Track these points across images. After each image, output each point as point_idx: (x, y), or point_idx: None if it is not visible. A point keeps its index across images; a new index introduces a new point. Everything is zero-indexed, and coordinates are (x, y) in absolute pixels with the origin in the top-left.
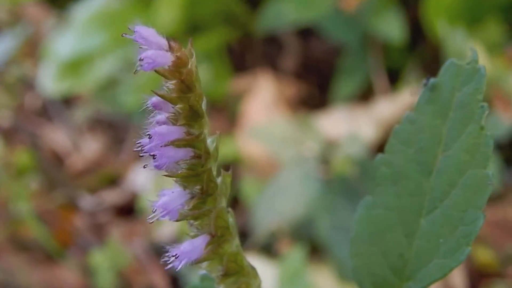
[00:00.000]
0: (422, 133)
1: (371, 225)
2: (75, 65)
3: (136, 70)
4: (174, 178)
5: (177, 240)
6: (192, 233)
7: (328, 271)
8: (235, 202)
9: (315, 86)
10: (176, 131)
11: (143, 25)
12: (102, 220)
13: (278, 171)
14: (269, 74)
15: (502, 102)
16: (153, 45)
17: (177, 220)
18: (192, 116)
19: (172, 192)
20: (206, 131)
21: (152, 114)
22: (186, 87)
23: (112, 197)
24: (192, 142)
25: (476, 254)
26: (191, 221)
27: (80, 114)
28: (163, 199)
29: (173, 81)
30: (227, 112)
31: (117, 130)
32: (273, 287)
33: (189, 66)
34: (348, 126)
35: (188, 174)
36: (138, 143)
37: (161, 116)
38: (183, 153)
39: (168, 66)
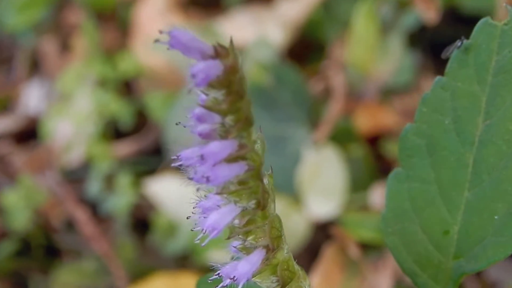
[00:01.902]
0: (457, 100)
1: (406, 200)
2: None
3: (190, 90)
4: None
5: (87, 165)
6: (239, 246)
7: None
8: (140, 117)
9: None
10: (229, 146)
11: (179, 27)
12: (2, 151)
13: (186, 84)
14: None
15: None
16: (194, 52)
17: (228, 238)
18: (244, 126)
19: (220, 208)
20: (257, 138)
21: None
22: (237, 96)
23: (6, 124)
24: (246, 155)
25: (388, 149)
26: (242, 237)
27: None
28: (212, 218)
29: (222, 91)
30: (117, 21)
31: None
32: None
33: (240, 72)
34: (254, 30)
35: (243, 189)
36: (176, 157)
37: (204, 127)
38: (237, 169)
39: (217, 75)
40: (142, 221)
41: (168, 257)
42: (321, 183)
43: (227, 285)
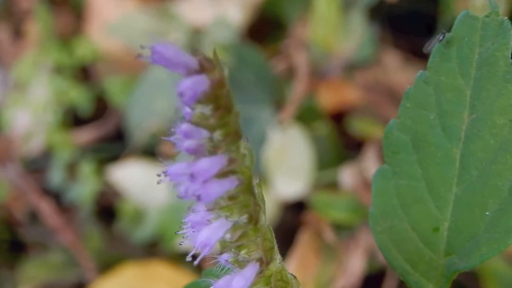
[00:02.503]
0: (441, 95)
1: (394, 197)
2: None
3: (177, 109)
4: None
5: (48, 154)
6: (231, 259)
7: None
8: (100, 102)
9: None
10: (219, 162)
11: (161, 42)
12: None
13: (145, 68)
14: None
15: None
16: (178, 66)
17: (220, 254)
18: (233, 140)
19: (210, 223)
20: (245, 150)
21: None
22: (225, 110)
23: None
24: (236, 169)
25: (353, 125)
26: (234, 251)
27: None
28: (204, 234)
29: (210, 106)
30: (70, 6)
31: None
32: (166, 195)
33: (227, 86)
34: (212, 11)
35: (234, 204)
36: (163, 173)
37: (190, 143)
38: (228, 184)
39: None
40: (107, 209)
41: (136, 245)
42: (288, 163)
43: None
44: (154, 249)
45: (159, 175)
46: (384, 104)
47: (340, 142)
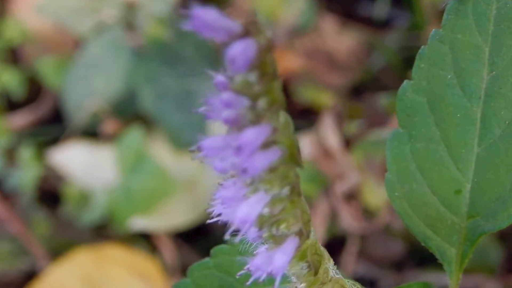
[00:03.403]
0: (458, 53)
1: (411, 162)
2: None
3: (231, 76)
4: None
5: None
6: (266, 235)
7: (162, 143)
8: (33, 85)
9: None
10: (264, 131)
11: (201, 5)
12: None
13: (79, 47)
14: None
15: None
16: (219, 32)
17: (259, 229)
18: (278, 108)
19: (248, 198)
20: (284, 119)
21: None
22: (272, 77)
23: None
24: (280, 138)
25: (299, 92)
26: (274, 225)
27: None
28: (243, 210)
29: (255, 73)
30: None
31: None
32: (114, 175)
33: (272, 50)
34: None
35: (275, 176)
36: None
37: (229, 113)
38: (272, 155)
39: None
40: (51, 194)
41: (85, 228)
42: None
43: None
44: (104, 231)
45: (191, 151)
46: (324, 69)
47: (286, 109)
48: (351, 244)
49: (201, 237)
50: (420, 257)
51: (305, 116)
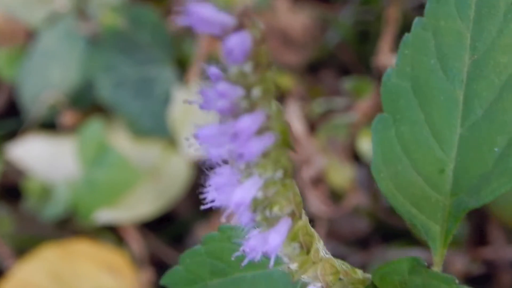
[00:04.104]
0: (441, 39)
1: (396, 144)
2: None
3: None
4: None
5: None
6: (259, 218)
7: (121, 132)
8: None
9: None
10: (259, 118)
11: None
12: None
13: (32, 38)
14: None
15: None
16: (215, 26)
17: (254, 212)
18: (271, 96)
19: (242, 182)
20: (275, 106)
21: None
22: (265, 66)
23: None
24: (272, 124)
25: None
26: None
27: None
28: (237, 194)
29: (250, 63)
30: None
31: None
32: (76, 167)
33: (265, 42)
34: None
35: (268, 160)
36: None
37: (223, 103)
38: (267, 141)
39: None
40: (12, 189)
41: (49, 223)
42: (195, 120)
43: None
44: (68, 225)
45: (186, 139)
46: (280, 48)
47: None
48: (319, 227)
49: (166, 225)
50: (385, 234)
51: None
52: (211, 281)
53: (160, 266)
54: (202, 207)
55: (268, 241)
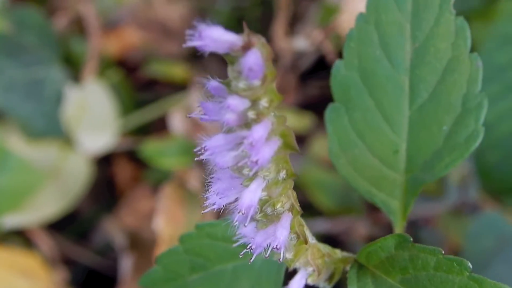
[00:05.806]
0: (383, 31)
1: (350, 131)
2: None
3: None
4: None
5: None
6: (260, 216)
7: (16, 135)
8: None
9: None
10: (268, 126)
11: (205, 23)
12: None
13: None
14: None
15: None
16: (223, 45)
17: (261, 212)
18: (276, 105)
19: (247, 186)
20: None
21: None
22: (271, 80)
23: None
24: (277, 130)
25: (152, 69)
26: (270, 207)
27: None
28: (246, 197)
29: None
30: None
31: None
32: None
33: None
34: None
35: (275, 163)
36: (202, 148)
37: (231, 115)
38: (275, 145)
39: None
40: None
41: None
42: (91, 118)
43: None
44: None
45: (197, 152)
46: (161, 39)
47: (132, 85)
48: None
49: (70, 223)
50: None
51: (150, 89)
52: (190, 277)
53: (70, 264)
54: (202, 212)
55: (277, 236)
